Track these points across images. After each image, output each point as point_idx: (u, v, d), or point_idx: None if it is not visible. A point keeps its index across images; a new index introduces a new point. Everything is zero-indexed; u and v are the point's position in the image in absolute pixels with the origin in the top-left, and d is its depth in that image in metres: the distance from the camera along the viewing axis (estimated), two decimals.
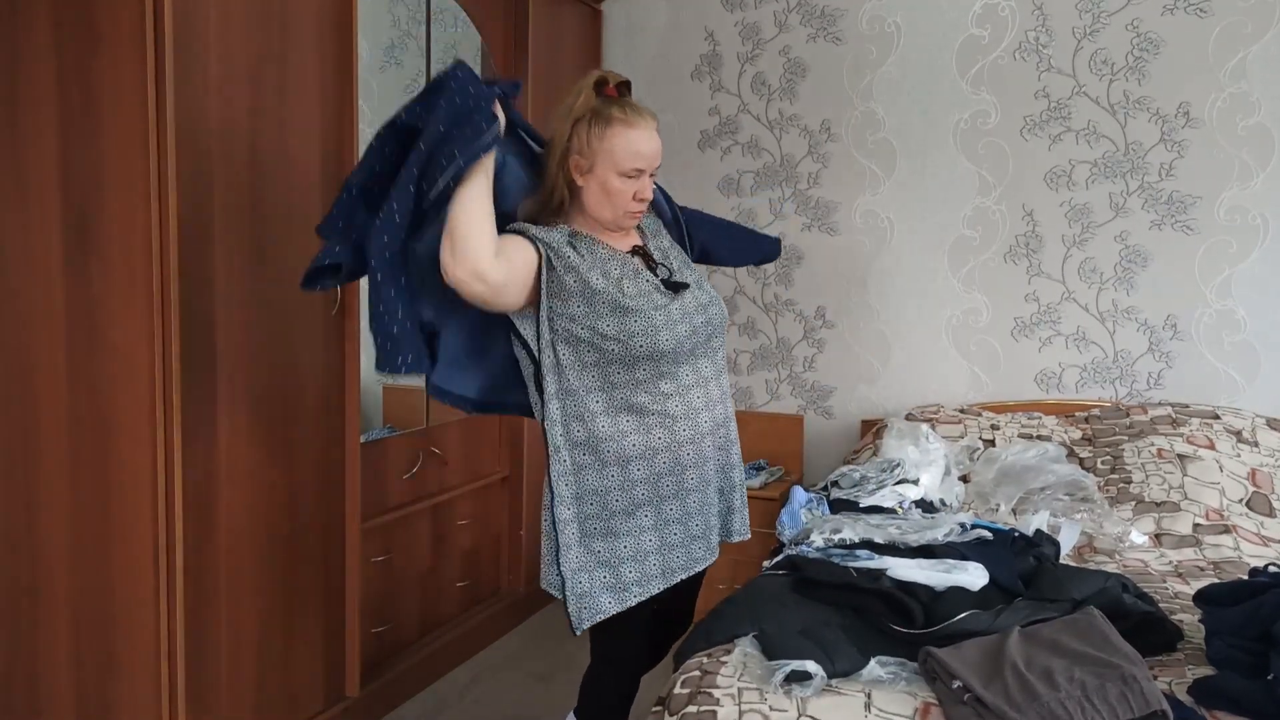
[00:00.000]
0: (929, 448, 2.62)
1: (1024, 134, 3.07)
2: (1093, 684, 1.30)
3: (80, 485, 1.90)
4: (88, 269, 1.85)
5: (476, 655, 2.96)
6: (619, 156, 1.66)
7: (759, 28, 3.39)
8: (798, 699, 1.42)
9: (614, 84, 1.72)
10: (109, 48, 1.78)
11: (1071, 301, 3.07)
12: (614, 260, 1.72)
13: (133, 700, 1.91)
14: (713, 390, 1.76)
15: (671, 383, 1.69)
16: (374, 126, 1.69)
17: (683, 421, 1.70)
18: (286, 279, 2.13)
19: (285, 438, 2.15)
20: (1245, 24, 2.79)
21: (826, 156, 3.34)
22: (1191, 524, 2.36)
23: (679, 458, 1.70)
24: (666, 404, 1.69)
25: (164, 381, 1.83)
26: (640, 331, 1.64)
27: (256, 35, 2.01)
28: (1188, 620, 1.71)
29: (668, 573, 1.72)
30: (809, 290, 3.41)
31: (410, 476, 2.68)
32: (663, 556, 1.71)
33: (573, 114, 1.69)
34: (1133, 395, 3.02)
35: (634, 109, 1.70)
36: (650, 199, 1.74)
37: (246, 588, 2.08)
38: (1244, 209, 2.85)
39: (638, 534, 1.69)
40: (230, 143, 1.97)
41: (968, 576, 1.67)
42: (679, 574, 1.73)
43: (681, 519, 1.73)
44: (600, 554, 1.69)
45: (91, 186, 1.83)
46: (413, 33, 2.77)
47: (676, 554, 1.73)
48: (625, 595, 1.69)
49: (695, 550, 1.75)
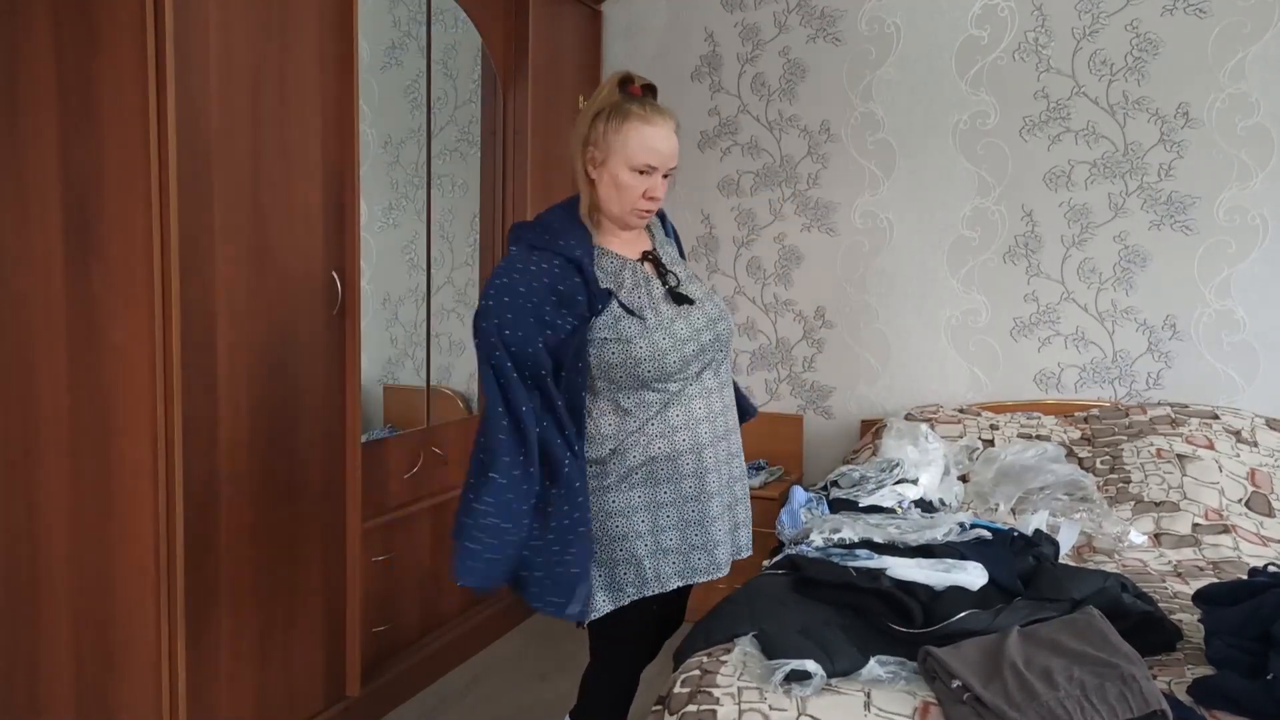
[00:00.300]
0: (928, 447, 2.62)
1: (1023, 134, 3.07)
2: (1092, 683, 1.30)
3: (80, 485, 1.90)
4: (88, 269, 1.85)
5: (477, 655, 2.96)
6: (631, 150, 1.67)
7: (759, 28, 3.40)
8: (797, 698, 1.42)
9: (639, 84, 1.73)
10: (109, 48, 1.78)
11: (1071, 302, 3.07)
12: (626, 269, 1.72)
13: (133, 700, 1.91)
14: (714, 402, 1.76)
15: (676, 390, 1.70)
16: (375, 127, 1.70)
17: (683, 431, 1.71)
18: (287, 279, 2.13)
19: (286, 437, 2.16)
20: (1244, 24, 2.79)
21: (826, 157, 3.34)
22: (1191, 524, 2.36)
23: (678, 467, 1.71)
24: (667, 413, 1.69)
25: (164, 381, 1.83)
26: (646, 358, 1.65)
27: (257, 35, 2.02)
28: (1187, 620, 1.71)
29: (663, 579, 1.72)
30: (808, 290, 3.41)
31: (411, 476, 2.68)
32: (656, 561, 1.72)
33: (594, 108, 1.71)
34: (1132, 395, 3.02)
35: (654, 107, 1.71)
36: (661, 199, 1.73)
37: (247, 587, 2.08)
38: (1243, 209, 2.85)
39: (633, 539, 1.70)
40: (230, 142, 1.97)
41: (967, 576, 1.68)
42: (674, 581, 1.73)
43: (679, 526, 1.73)
44: (596, 555, 1.70)
45: (92, 187, 1.83)
46: (413, 33, 2.78)
47: (672, 559, 1.73)
48: (620, 595, 1.70)
49: (695, 560, 1.75)
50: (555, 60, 3.24)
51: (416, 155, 2.82)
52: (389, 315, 2.83)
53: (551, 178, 3.22)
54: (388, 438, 2.65)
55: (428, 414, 2.85)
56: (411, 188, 2.84)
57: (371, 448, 2.51)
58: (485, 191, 3.12)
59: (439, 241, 2.92)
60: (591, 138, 1.70)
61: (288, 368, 2.15)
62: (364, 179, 2.41)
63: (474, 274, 3.10)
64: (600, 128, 1.69)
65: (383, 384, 2.82)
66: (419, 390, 2.87)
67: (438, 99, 2.85)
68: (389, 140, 2.79)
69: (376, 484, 2.53)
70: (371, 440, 2.55)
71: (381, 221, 2.80)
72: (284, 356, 2.14)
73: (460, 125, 3.01)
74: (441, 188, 2.93)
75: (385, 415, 2.82)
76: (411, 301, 2.86)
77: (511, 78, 3.08)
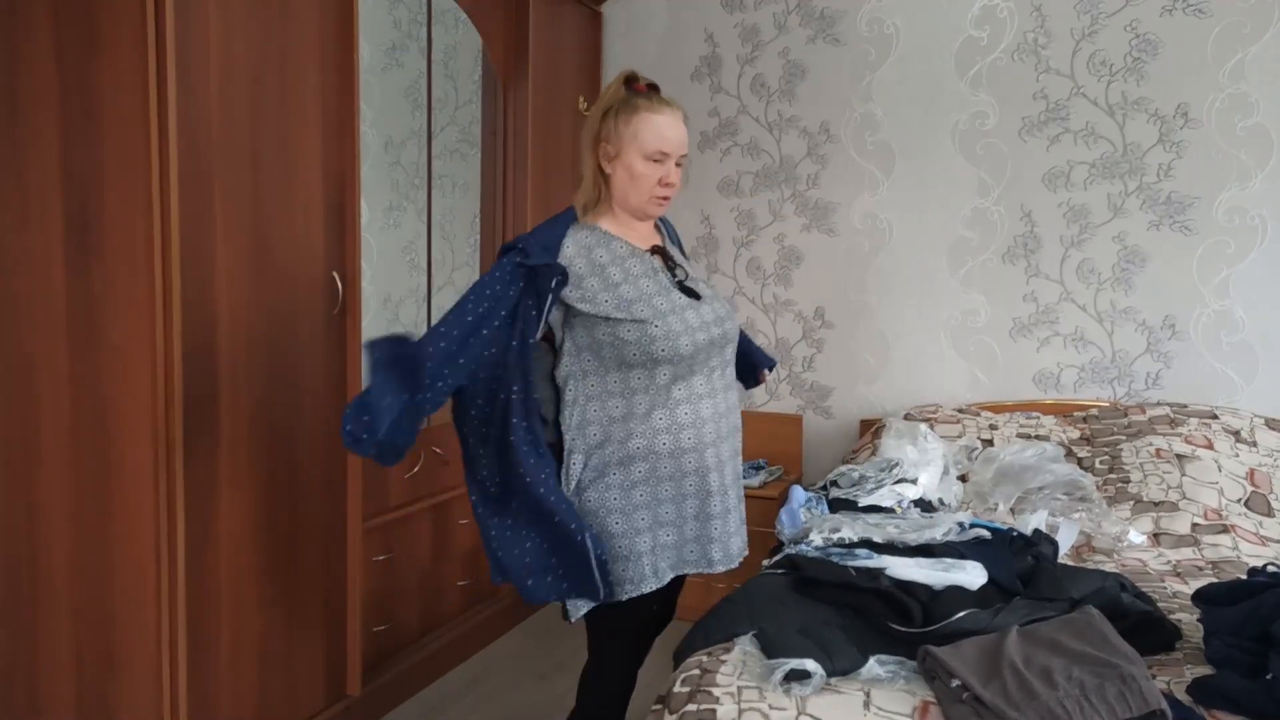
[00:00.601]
0: (927, 447, 2.62)
1: (1022, 135, 3.08)
2: (1091, 683, 1.31)
3: (81, 485, 1.91)
4: (89, 269, 1.85)
5: (477, 654, 2.97)
6: (643, 139, 1.72)
7: (758, 29, 3.40)
8: (797, 697, 1.42)
9: (644, 82, 1.79)
10: (110, 49, 1.79)
11: (1070, 302, 3.08)
12: (634, 258, 1.76)
13: (133, 700, 1.91)
14: (720, 403, 1.79)
15: (684, 390, 1.73)
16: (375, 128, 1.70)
17: (689, 429, 1.73)
18: (287, 279, 2.14)
19: (286, 437, 2.16)
20: (1244, 24, 2.80)
21: (825, 158, 3.34)
22: (1190, 523, 2.36)
23: (681, 465, 1.73)
24: (676, 411, 1.72)
25: (165, 381, 1.83)
26: (660, 336, 1.68)
27: (257, 36, 2.02)
28: (1186, 620, 1.71)
29: (659, 574, 1.75)
30: (808, 290, 3.42)
31: (411, 476, 2.68)
32: (654, 558, 1.74)
33: (603, 106, 1.76)
34: (1131, 395, 3.03)
35: (660, 99, 1.77)
36: (676, 186, 1.78)
37: (247, 587, 2.08)
38: (1243, 209, 2.85)
39: (633, 535, 1.71)
40: (231, 143, 1.97)
41: (966, 575, 1.68)
42: (669, 574, 1.76)
43: (677, 523, 1.76)
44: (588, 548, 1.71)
45: (92, 187, 1.83)
46: (414, 34, 2.78)
47: (668, 554, 1.76)
48: (616, 590, 1.72)
49: (686, 553, 1.78)
50: (555, 61, 3.24)
51: (417, 156, 2.82)
52: (390, 315, 2.84)
53: (551, 178, 3.22)
54: None
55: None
56: (412, 188, 2.84)
57: None
58: (486, 192, 3.12)
59: (440, 242, 2.92)
60: (603, 134, 1.75)
61: (288, 368, 2.15)
62: (365, 180, 2.41)
63: (474, 275, 3.10)
64: (611, 123, 1.74)
65: None
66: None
67: (438, 100, 2.86)
68: (390, 141, 2.80)
69: (377, 484, 2.53)
70: None
71: (382, 222, 2.80)
72: (285, 357, 2.14)
73: (461, 126, 3.02)
74: (442, 188, 2.93)
75: None
76: (412, 302, 2.87)
77: (512, 79, 3.08)
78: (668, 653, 1.82)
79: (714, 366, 1.78)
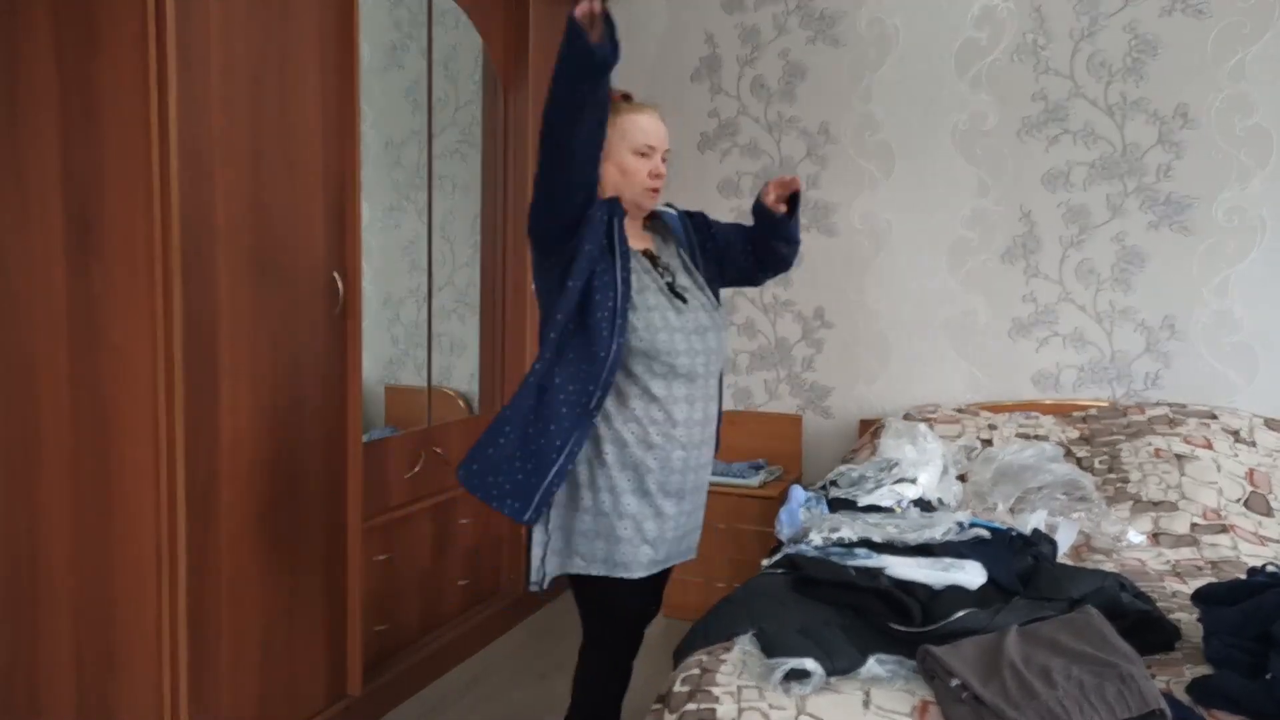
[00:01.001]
0: (927, 447, 2.62)
1: (1022, 135, 3.08)
2: (1090, 683, 1.31)
3: (81, 485, 1.91)
4: (89, 269, 1.86)
5: (477, 654, 2.97)
6: (631, 136, 1.81)
7: (758, 30, 3.40)
8: (797, 697, 1.42)
9: (619, 93, 1.84)
10: (110, 49, 1.79)
11: (1069, 302, 3.08)
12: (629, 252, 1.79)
13: (133, 700, 1.91)
14: (696, 411, 1.82)
15: (664, 389, 1.76)
16: (376, 128, 1.71)
17: (663, 425, 1.77)
18: (288, 279, 2.14)
19: (287, 437, 2.16)
20: (1244, 24, 2.80)
21: (825, 158, 3.35)
22: (1189, 523, 2.36)
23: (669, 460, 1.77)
24: (650, 408, 1.76)
25: (166, 381, 1.83)
26: (642, 327, 1.73)
27: (258, 36, 2.02)
28: (1185, 619, 1.71)
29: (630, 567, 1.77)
30: (808, 290, 3.42)
31: (412, 476, 2.68)
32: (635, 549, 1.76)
33: None
34: (1130, 395, 3.03)
35: (636, 102, 1.86)
36: (664, 175, 1.86)
37: (248, 587, 2.09)
38: (1242, 210, 2.85)
39: (614, 518, 1.75)
40: (231, 143, 1.98)
41: (966, 575, 1.68)
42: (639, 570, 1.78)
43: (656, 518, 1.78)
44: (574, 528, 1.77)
45: (93, 187, 1.84)
46: (414, 35, 2.78)
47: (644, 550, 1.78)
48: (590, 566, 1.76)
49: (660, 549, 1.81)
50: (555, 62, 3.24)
51: (417, 156, 2.83)
52: (390, 316, 2.84)
53: None
54: (389, 437, 2.65)
55: (429, 414, 2.86)
56: (413, 189, 2.84)
57: (372, 448, 2.52)
58: (486, 192, 3.12)
59: (440, 242, 2.92)
60: None
61: (289, 368, 2.16)
62: (365, 180, 2.41)
63: (475, 275, 3.11)
64: None
65: (384, 384, 2.83)
66: (420, 390, 2.88)
67: (439, 100, 2.86)
68: (390, 141, 2.80)
69: (377, 484, 2.54)
70: (372, 440, 2.56)
71: (383, 222, 2.81)
72: (285, 357, 2.14)
73: (461, 126, 3.02)
74: (442, 189, 2.93)
75: (386, 415, 2.83)
76: (413, 302, 2.87)
77: (512, 79, 3.08)
78: (666, 652, 1.82)
79: (696, 376, 1.80)
